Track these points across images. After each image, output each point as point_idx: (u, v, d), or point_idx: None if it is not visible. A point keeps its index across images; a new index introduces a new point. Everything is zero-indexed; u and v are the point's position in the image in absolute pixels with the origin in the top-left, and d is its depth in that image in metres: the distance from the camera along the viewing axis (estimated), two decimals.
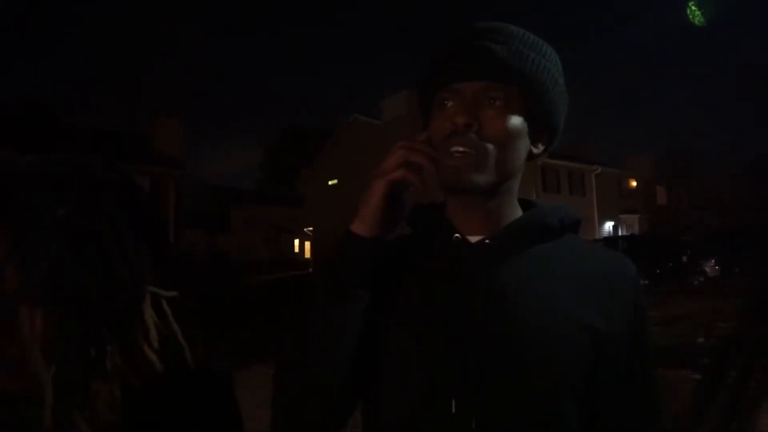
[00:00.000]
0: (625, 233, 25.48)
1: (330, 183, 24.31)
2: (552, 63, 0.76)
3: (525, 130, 0.74)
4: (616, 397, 0.73)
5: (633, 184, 29.64)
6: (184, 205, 20.66)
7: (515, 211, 0.80)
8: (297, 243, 32.98)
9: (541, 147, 0.79)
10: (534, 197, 0.88)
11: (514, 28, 0.76)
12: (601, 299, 0.73)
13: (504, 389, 0.68)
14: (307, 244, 30.95)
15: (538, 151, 0.79)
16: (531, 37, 0.76)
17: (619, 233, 25.98)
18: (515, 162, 0.75)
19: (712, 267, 14.60)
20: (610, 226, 26.92)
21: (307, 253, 30.89)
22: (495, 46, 0.72)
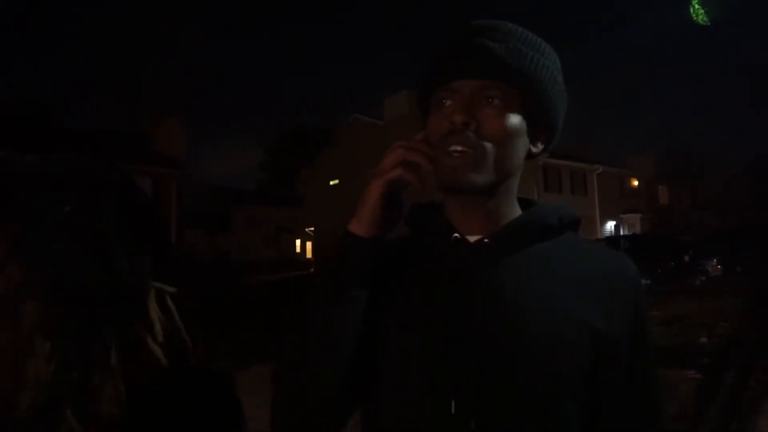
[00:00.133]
0: (626, 233, 25.43)
1: (331, 183, 24.31)
2: (551, 61, 0.76)
3: (524, 128, 0.74)
4: (616, 398, 0.73)
5: (635, 183, 29.57)
6: (185, 205, 20.67)
7: (514, 210, 0.79)
8: (298, 243, 33.00)
9: (540, 146, 0.79)
10: (535, 197, 0.87)
11: (513, 26, 0.75)
12: (601, 299, 0.73)
13: (503, 389, 0.68)
14: (308, 245, 30.98)
15: (537, 150, 0.79)
16: (529, 35, 0.75)
17: (621, 233, 25.92)
18: (514, 161, 0.74)
19: (714, 267, 14.55)
20: (611, 225, 26.88)
21: (308, 254, 30.92)
22: (493, 44, 0.71)
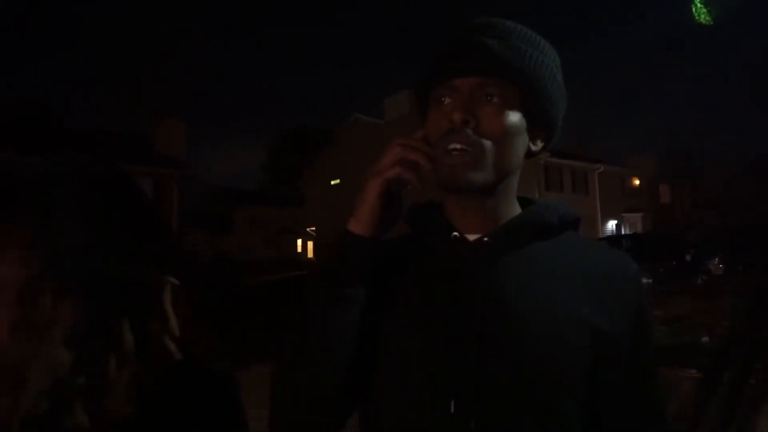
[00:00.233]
0: (628, 232, 25.39)
1: (332, 183, 24.34)
2: (550, 59, 0.75)
3: (523, 126, 0.73)
4: (616, 398, 0.72)
5: (636, 182, 29.53)
6: (186, 205, 20.69)
7: (514, 209, 0.79)
8: (300, 243, 33.02)
9: (540, 144, 0.79)
10: (537, 196, 0.87)
11: (512, 23, 0.75)
12: (601, 298, 0.72)
13: (503, 389, 0.68)
14: (309, 244, 31.00)
15: (537, 148, 0.78)
16: (528, 32, 0.75)
17: (623, 232, 25.90)
18: (513, 159, 0.74)
19: (716, 266, 14.52)
20: (613, 224, 26.83)
21: (309, 253, 30.94)
22: (492, 41, 0.71)
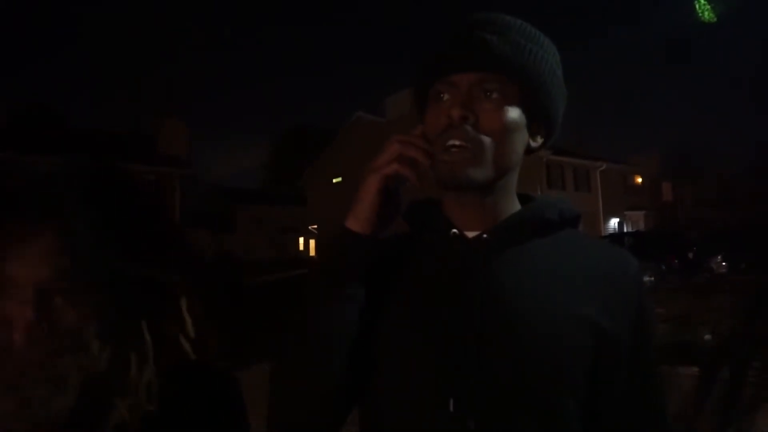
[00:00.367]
0: (630, 230, 25.34)
1: (334, 181, 24.33)
2: (550, 55, 0.75)
3: (523, 122, 0.73)
4: (617, 397, 0.72)
5: (638, 180, 29.48)
6: (188, 205, 20.71)
7: (514, 205, 0.78)
8: (302, 241, 33.04)
9: (540, 140, 0.78)
10: (538, 193, 0.86)
11: (511, 18, 0.74)
12: (602, 296, 0.71)
13: (503, 388, 0.67)
14: (311, 242, 31.03)
15: (537, 144, 0.78)
16: (528, 27, 0.74)
17: (625, 230, 25.85)
18: (513, 156, 0.73)
19: (718, 264, 14.49)
20: (615, 222, 26.78)
21: (311, 251, 30.97)
22: (491, 37, 0.70)
